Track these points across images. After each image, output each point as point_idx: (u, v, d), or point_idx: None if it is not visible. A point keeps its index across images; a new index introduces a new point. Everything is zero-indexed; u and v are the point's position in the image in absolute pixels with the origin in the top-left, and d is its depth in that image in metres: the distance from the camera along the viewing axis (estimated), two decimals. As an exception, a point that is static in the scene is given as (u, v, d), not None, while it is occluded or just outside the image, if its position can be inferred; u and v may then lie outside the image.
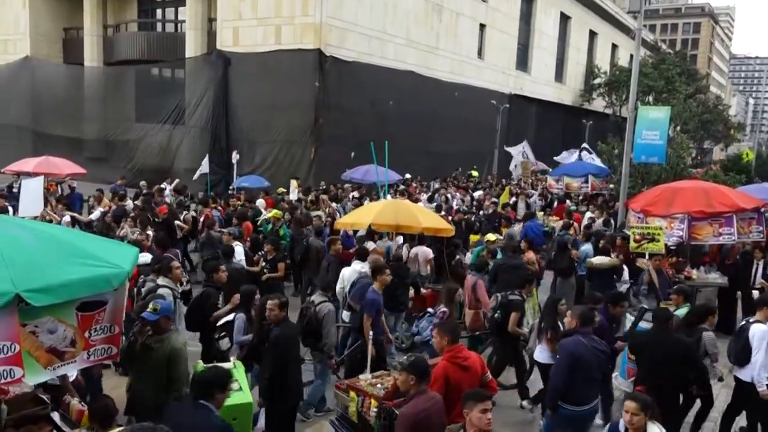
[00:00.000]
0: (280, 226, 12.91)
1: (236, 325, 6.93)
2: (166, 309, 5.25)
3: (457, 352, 5.19)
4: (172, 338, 5.20)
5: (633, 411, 4.55)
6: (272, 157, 24.22)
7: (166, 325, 5.25)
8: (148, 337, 5.18)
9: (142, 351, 5.14)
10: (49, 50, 31.08)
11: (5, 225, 4.15)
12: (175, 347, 5.13)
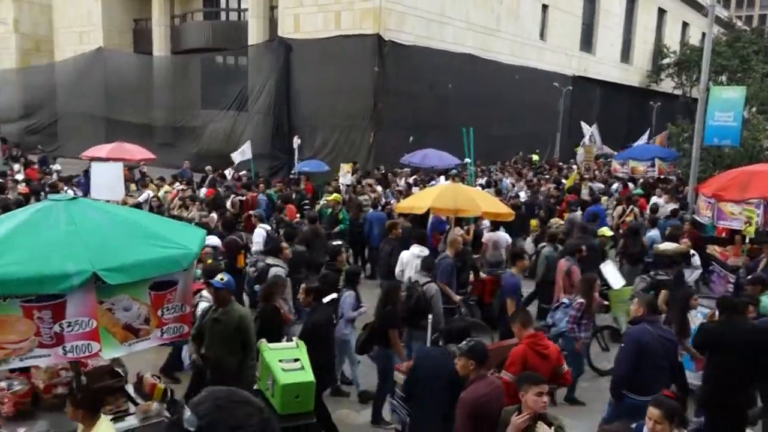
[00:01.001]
0: (339, 210, 13.07)
1: (346, 302, 7.26)
2: (230, 282, 5.82)
3: (539, 339, 5.20)
4: (237, 308, 5.82)
5: (656, 419, 3.98)
6: (332, 142, 24.46)
7: (228, 296, 5.79)
8: (213, 311, 5.73)
9: (212, 324, 5.65)
10: (120, 41, 32.26)
11: (84, 208, 4.38)
12: (242, 315, 5.76)
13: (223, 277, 5.79)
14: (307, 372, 5.32)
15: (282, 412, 5.18)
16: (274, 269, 7.71)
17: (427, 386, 5.01)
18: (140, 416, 4.60)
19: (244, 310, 5.92)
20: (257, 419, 1.52)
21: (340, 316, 7.22)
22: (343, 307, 7.27)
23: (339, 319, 7.22)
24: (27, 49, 35.74)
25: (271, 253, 8.09)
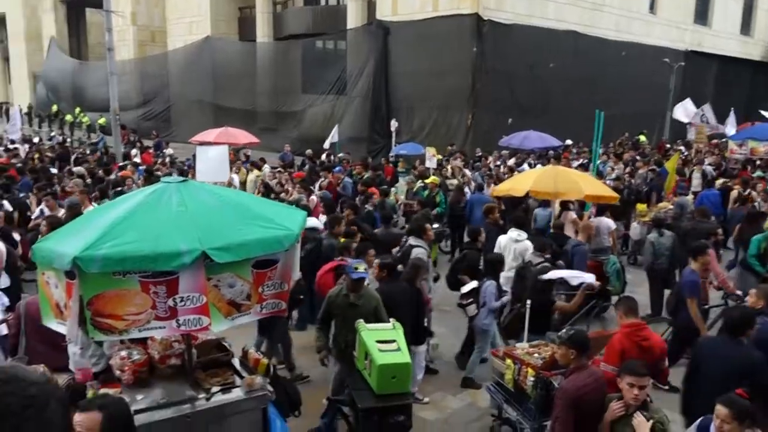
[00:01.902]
0: (436, 193, 13.03)
1: (488, 291, 7.19)
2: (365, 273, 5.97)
3: (638, 328, 4.97)
4: (371, 292, 6.06)
5: (724, 418, 3.71)
6: (429, 125, 24.38)
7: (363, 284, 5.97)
8: (344, 296, 5.96)
9: (347, 308, 5.90)
10: (226, 29, 33.62)
11: (194, 190, 4.60)
12: (375, 297, 6.01)
13: (358, 267, 5.91)
14: (403, 353, 5.36)
15: (378, 392, 5.26)
16: (417, 250, 7.60)
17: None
18: (245, 389, 4.80)
19: (376, 293, 6.08)
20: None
21: (481, 305, 7.15)
22: (485, 296, 7.16)
23: (481, 308, 7.17)
24: (143, 40, 38.08)
25: (414, 233, 8.01)
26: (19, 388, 1.38)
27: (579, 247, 8.56)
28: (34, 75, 46.85)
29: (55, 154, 20.68)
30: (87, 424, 2.72)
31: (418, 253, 7.56)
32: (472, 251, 8.02)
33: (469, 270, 7.79)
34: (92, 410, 2.78)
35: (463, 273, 7.79)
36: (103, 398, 2.99)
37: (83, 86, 38.67)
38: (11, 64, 52.12)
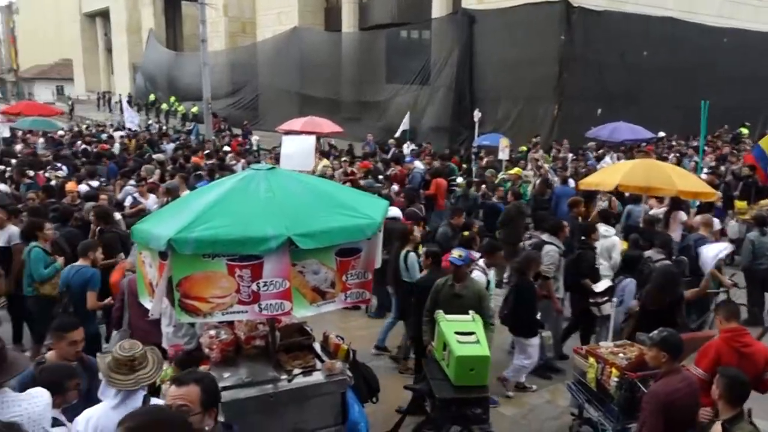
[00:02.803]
0: (519, 185, 12.79)
1: (627, 289, 7.05)
2: (467, 258, 6.13)
3: (738, 335, 4.70)
4: (474, 282, 6.16)
5: None
6: (514, 115, 23.87)
7: (467, 271, 6.07)
8: (450, 286, 6.06)
9: (451, 298, 6.00)
10: (313, 20, 34.16)
11: (281, 177, 4.73)
12: (480, 288, 6.10)
13: (461, 254, 5.99)
14: (482, 346, 5.32)
15: (456, 383, 5.25)
16: (549, 247, 7.44)
17: None
18: (325, 373, 4.90)
19: (480, 283, 6.13)
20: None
21: (618, 304, 6.98)
22: (623, 294, 7.00)
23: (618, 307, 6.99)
24: (234, 31, 39.31)
25: (550, 230, 7.77)
26: None
27: (701, 241, 8.19)
28: (134, 66, 49.43)
29: (144, 141, 21.76)
30: (189, 397, 2.82)
31: (549, 250, 7.40)
32: (586, 251, 7.66)
33: (589, 271, 7.48)
34: (189, 384, 2.88)
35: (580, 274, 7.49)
36: (194, 373, 3.11)
37: (178, 76, 40.43)
38: (114, 56, 55.23)
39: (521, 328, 6.75)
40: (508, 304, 6.77)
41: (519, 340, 6.83)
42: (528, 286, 6.72)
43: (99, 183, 11.56)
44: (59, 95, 66.39)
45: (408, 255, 7.60)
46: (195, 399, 2.83)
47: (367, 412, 5.18)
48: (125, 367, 3.51)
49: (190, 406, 2.80)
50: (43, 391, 3.50)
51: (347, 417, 4.95)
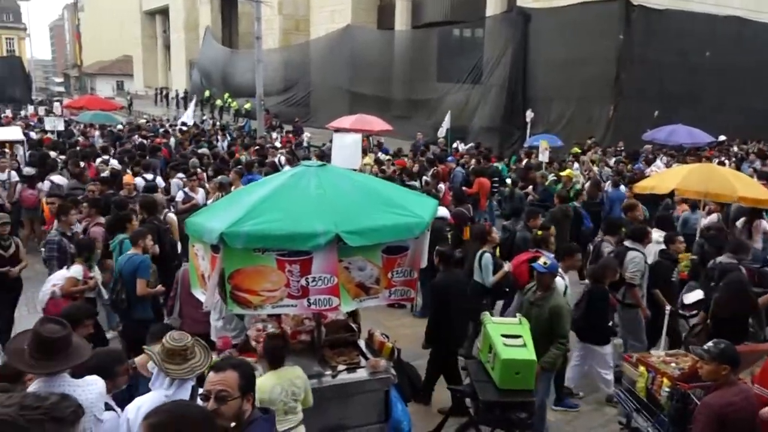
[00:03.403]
0: (571, 187, 12.56)
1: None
2: (553, 266, 5.79)
3: None
4: (555, 296, 5.73)
5: None
6: (568, 116, 23.44)
7: (550, 281, 5.72)
8: (533, 293, 5.87)
9: (529, 306, 5.82)
10: (366, 18, 34.30)
11: (332, 174, 4.76)
12: (557, 304, 5.65)
13: (546, 261, 5.78)
14: (529, 350, 5.23)
15: (501, 387, 5.19)
16: (633, 253, 7.13)
17: None
18: (369, 370, 4.92)
19: (561, 300, 5.73)
20: None
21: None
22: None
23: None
24: (287, 29, 39.84)
25: (633, 236, 7.42)
26: None
27: None
28: (191, 62, 50.68)
29: (190, 135, 22.20)
30: (227, 383, 2.85)
31: (634, 257, 7.07)
32: (662, 261, 7.34)
33: (662, 282, 7.18)
34: (227, 369, 2.91)
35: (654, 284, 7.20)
36: (231, 359, 3.14)
37: (232, 73, 41.23)
38: (171, 52, 56.76)
39: (593, 335, 6.54)
40: (579, 309, 6.54)
41: (589, 347, 6.62)
42: (602, 293, 6.48)
43: (154, 176, 11.86)
44: (119, 90, 68.73)
45: (483, 255, 7.40)
46: (233, 384, 2.86)
47: (410, 412, 5.18)
48: (179, 357, 3.59)
49: (229, 391, 2.83)
50: (98, 379, 3.61)
51: (390, 415, 4.96)
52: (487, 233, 7.68)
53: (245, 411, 2.89)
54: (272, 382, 4.34)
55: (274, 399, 4.28)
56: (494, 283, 7.32)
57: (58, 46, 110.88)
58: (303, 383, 4.45)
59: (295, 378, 4.44)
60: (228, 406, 2.80)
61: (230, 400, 2.81)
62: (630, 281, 7.00)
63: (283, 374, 4.43)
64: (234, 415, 2.83)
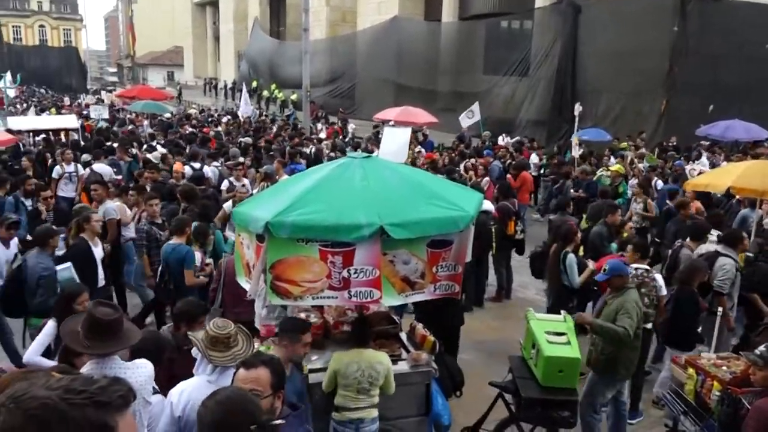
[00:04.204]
0: (619, 182, 12.29)
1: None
2: (613, 271, 5.56)
3: None
4: (626, 294, 5.47)
5: None
6: (617, 110, 22.86)
7: (619, 282, 5.50)
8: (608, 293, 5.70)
9: (603, 306, 5.68)
10: (413, 9, 34.11)
11: (377, 166, 4.76)
12: (623, 300, 5.42)
13: (606, 268, 5.63)
14: (573, 348, 5.14)
15: (544, 384, 5.12)
16: (724, 260, 6.77)
17: None
18: (411, 363, 4.92)
19: (631, 298, 5.45)
20: None
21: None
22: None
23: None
24: (334, 20, 39.96)
25: (726, 241, 7.06)
26: None
27: None
28: (239, 53, 51.39)
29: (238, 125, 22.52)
30: (259, 381, 2.85)
31: (725, 263, 6.71)
32: (761, 263, 7.02)
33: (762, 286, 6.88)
34: (258, 366, 2.91)
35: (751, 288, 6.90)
36: (262, 355, 3.15)
37: (279, 64, 41.62)
38: (221, 43, 57.66)
39: (679, 340, 6.28)
40: (666, 312, 6.31)
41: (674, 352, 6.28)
42: (689, 297, 6.21)
43: (201, 164, 12.10)
44: (169, 80, 70.31)
45: (567, 256, 7.19)
46: (265, 382, 2.85)
47: (450, 406, 5.16)
48: (222, 345, 3.65)
49: (261, 389, 2.83)
50: (147, 362, 3.71)
51: (430, 408, 4.95)
52: (574, 233, 7.44)
53: (276, 408, 2.89)
54: (350, 358, 4.46)
55: (347, 374, 4.45)
56: (582, 283, 7.12)
57: (113, 37, 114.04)
58: (384, 370, 4.55)
59: (376, 362, 4.54)
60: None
61: (262, 398, 2.80)
62: (718, 289, 6.66)
63: (365, 355, 4.55)
64: (268, 413, 2.80)
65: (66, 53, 66.27)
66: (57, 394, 1.22)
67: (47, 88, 51.66)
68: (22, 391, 1.22)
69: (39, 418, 1.19)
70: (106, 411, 1.25)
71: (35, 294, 5.93)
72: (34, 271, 5.97)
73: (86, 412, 1.22)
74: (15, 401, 1.20)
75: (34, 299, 5.92)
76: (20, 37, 75.66)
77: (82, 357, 3.64)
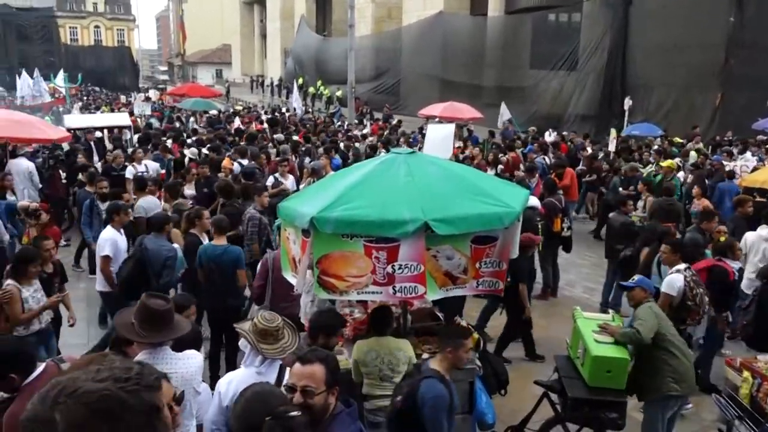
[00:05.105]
0: (671, 178, 11.92)
1: None
2: (642, 281, 5.42)
3: None
4: (640, 308, 5.27)
5: None
6: (669, 104, 22.21)
7: (640, 296, 5.33)
8: None
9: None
10: (458, 4, 33.84)
11: (421, 161, 4.74)
12: (639, 312, 5.23)
13: (634, 278, 5.48)
14: (621, 348, 5.03)
15: (591, 384, 5.03)
16: None
17: None
18: (454, 360, 4.89)
19: (652, 305, 5.30)
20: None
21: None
22: None
23: None
24: (380, 16, 40.01)
25: None
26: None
27: None
28: (285, 50, 52.00)
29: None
30: (315, 377, 2.86)
31: None
32: None
33: None
34: (314, 362, 2.91)
35: None
36: (318, 351, 3.17)
37: (325, 60, 41.92)
38: (267, 41, 58.47)
39: (764, 342, 6.03)
40: (748, 313, 6.09)
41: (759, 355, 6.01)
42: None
43: (249, 162, 12.28)
44: (218, 78, 71.68)
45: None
46: (320, 378, 2.86)
47: (494, 404, 5.11)
48: (271, 337, 3.72)
49: (315, 385, 2.84)
50: (197, 353, 3.81)
51: (474, 407, 4.91)
52: (672, 234, 7.18)
53: (329, 405, 2.90)
54: (369, 346, 4.50)
55: (367, 362, 4.53)
56: None
57: (164, 36, 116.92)
58: (405, 357, 4.59)
59: (396, 349, 4.59)
60: (314, 401, 2.81)
61: (316, 394, 2.82)
62: None
63: (385, 343, 4.60)
64: (322, 409, 2.84)
65: (119, 53, 68.34)
66: (110, 384, 1.26)
67: (101, 87, 53.35)
68: (71, 386, 1.25)
69: (103, 410, 1.23)
70: (152, 393, 1.32)
71: (160, 275, 6.31)
72: (159, 254, 6.34)
73: (142, 396, 1.28)
74: (71, 397, 1.23)
75: (161, 279, 6.29)
76: (77, 38, 78.27)
77: (133, 347, 3.75)
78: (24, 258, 5.61)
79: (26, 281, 5.53)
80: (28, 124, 11.99)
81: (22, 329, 5.49)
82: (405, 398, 3.86)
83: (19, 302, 5.40)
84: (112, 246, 6.91)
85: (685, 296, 5.98)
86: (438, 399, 3.81)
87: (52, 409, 1.21)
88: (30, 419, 1.23)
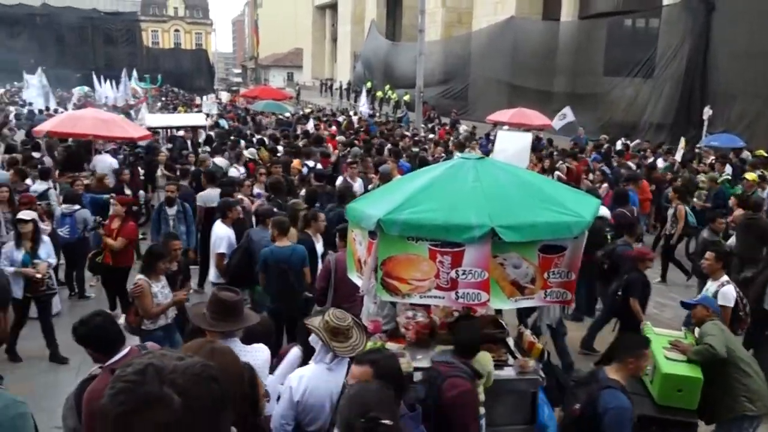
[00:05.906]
0: (752, 192, 11.35)
1: None
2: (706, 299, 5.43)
3: None
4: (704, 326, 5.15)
5: None
6: (752, 114, 21.12)
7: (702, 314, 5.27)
8: None
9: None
10: (530, 9, 33.32)
11: (490, 167, 4.71)
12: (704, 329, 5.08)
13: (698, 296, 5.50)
14: (694, 367, 4.82)
15: (660, 402, 4.85)
16: None
17: None
18: (517, 369, 4.81)
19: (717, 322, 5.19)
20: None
21: None
22: None
23: None
24: (450, 21, 39.87)
25: None
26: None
27: None
28: (355, 54, 52.57)
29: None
30: (360, 377, 2.96)
31: None
32: None
33: None
34: (365, 364, 3.01)
35: None
36: (375, 353, 3.22)
37: (393, 65, 42.13)
38: (338, 45, 59.28)
39: None
40: None
41: None
42: None
43: (315, 163, 12.49)
44: (289, 81, 73.27)
45: None
46: (367, 379, 2.93)
47: (557, 417, 5.00)
48: (342, 336, 3.80)
49: None
50: (264, 347, 3.92)
51: (536, 418, 4.82)
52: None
53: None
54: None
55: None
56: None
57: (239, 40, 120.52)
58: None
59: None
60: None
61: None
62: None
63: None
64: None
65: (196, 55, 70.94)
66: (199, 362, 1.33)
67: (179, 89, 55.48)
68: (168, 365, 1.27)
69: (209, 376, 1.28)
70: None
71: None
72: (261, 246, 6.69)
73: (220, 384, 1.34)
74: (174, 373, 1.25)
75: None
76: (158, 41, 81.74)
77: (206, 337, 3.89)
78: (154, 254, 5.88)
79: (155, 277, 5.78)
80: (112, 122, 12.66)
81: (150, 323, 5.75)
82: (584, 406, 3.92)
83: (149, 296, 5.66)
84: (228, 244, 7.40)
85: (737, 307, 5.80)
86: (624, 411, 3.83)
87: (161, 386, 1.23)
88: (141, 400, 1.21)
